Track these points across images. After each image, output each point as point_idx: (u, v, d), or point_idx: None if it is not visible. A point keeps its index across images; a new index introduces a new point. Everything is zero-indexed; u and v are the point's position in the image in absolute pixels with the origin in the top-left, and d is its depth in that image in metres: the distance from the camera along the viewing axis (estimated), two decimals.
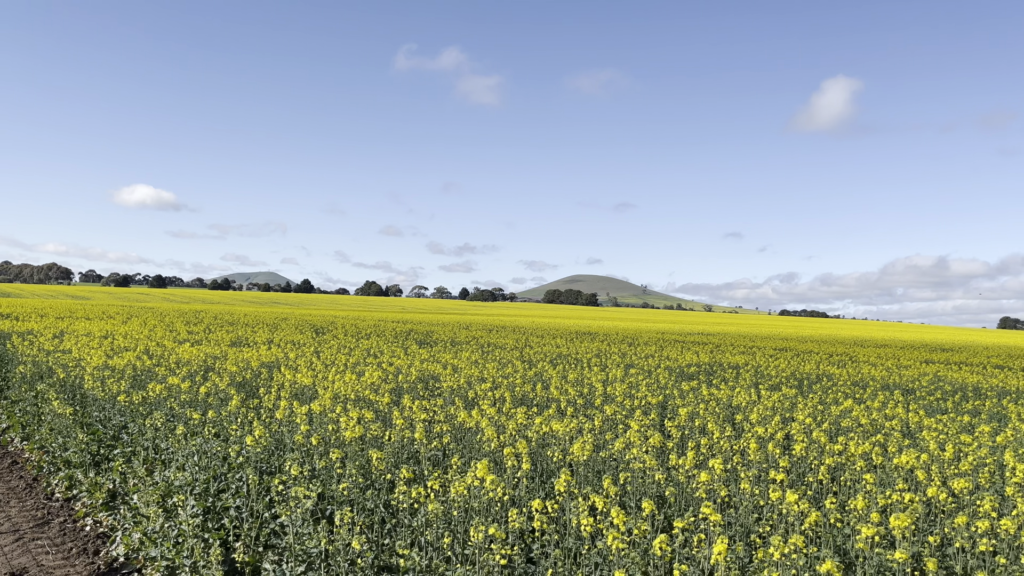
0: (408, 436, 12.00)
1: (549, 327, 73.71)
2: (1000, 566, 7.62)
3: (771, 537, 6.56)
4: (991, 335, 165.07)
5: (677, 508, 9.48)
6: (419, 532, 8.61)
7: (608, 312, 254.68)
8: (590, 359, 31.52)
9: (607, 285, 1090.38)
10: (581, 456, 10.56)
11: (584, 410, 16.48)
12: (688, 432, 14.24)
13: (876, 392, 22.74)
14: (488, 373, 21.71)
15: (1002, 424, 17.04)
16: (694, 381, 23.09)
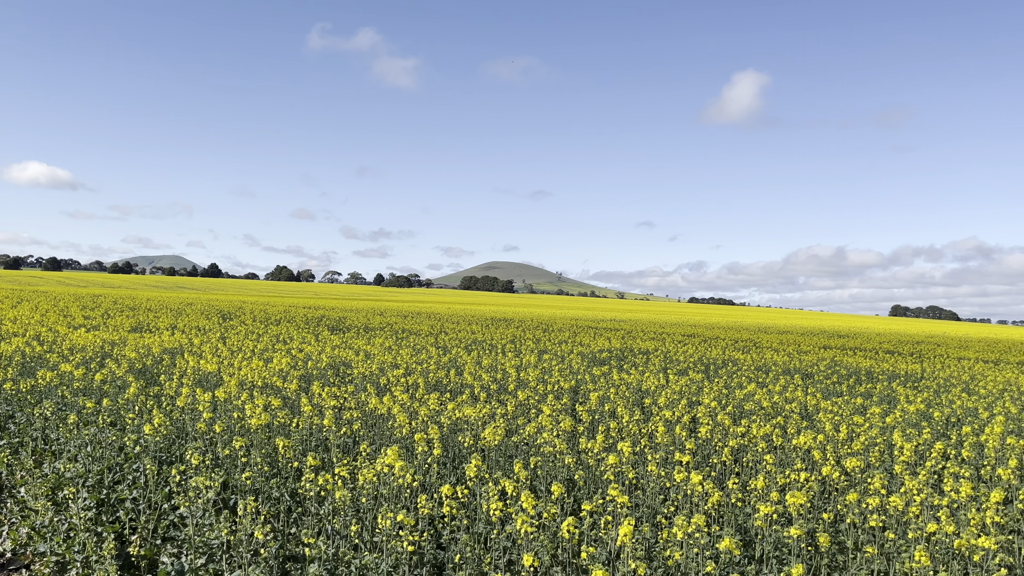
0: (317, 423, 11.74)
1: (465, 313, 73.67)
2: (889, 540, 8.01)
3: (676, 517, 6.70)
4: (883, 322, 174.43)
5: (586, 491, 9.60)
6: (326, 520, 8.44)
7: (524, 299, 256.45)
8: (505, 345, 31.64)
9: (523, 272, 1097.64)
10: (493, 441, 10.56)
11: (498, 395, 16.51)
12: (599, 416, 14.45)
13: (778, 376, 23.65)
14: (402, 359, 21.49)
15: (891, 406, 17.97)
16: (606, 366, 23.48)
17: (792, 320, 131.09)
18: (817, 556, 7.88)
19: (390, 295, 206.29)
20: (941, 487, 9.77)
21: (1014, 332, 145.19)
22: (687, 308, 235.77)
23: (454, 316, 65.24)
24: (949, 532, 7.54)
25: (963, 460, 11.66)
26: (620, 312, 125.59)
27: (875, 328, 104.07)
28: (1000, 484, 10.35)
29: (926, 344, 57.06)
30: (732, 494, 9.15)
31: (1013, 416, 17.03)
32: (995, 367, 34.44)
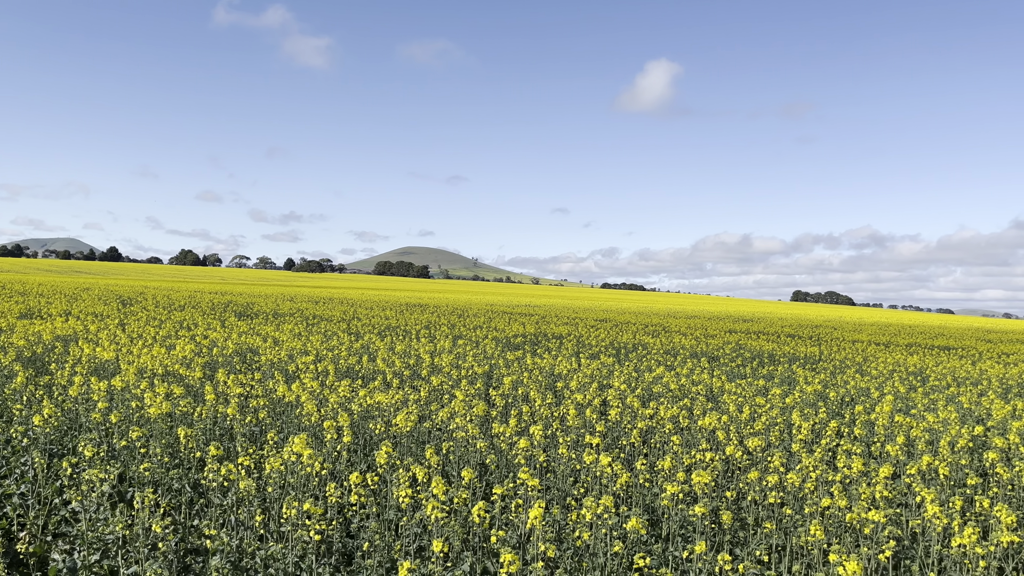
0: (222, 412, 11.36)
1: (379, 299, 72.79)
2: (786, 516, 8.34)
3: (585, 499, 6.78)
4: (785, 307, 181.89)
5: (498, 475, 9.63)
6: (231, 511, 8.18)
7: (439, 284, 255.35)
8: (419, 331, 31.41)
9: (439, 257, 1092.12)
10: (405, 427, 10.46)
11: (411, 381, 16.38)
12: (512, 400, 14.52)
13: (685, 360, 24.31)
14: (312, 346, 21.05)
15: (791, 387, 18.75)
16: (520, 351, 23.62)
17: (700, 305, 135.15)
18: (720, 533, 8.14)
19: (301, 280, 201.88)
20: (835, 464, 10.26)
21: (903, 316, 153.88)
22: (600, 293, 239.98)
23: (368, 302, 64.39)
24: (842, 506, 7.91)
25: (855, 438, 12.26)
26: (535, 297, 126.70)
27: (777, 313, 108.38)
28: (889, 460, 10.94)
29: (824, 328, 59.78)
30: (640, 475, 9.35)
31: (901, 395, 18.03)
32: (886, 349, 36.39)
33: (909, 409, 15.86)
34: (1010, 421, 13.63)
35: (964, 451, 11.16)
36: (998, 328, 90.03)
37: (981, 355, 35.65)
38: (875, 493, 8.06)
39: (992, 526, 7.86)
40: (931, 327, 77.57)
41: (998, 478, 9.70)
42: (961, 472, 10.07)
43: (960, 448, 11.21)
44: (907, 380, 21.98)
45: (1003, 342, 51.42)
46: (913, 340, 47.66)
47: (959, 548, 6.61)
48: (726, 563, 5.89)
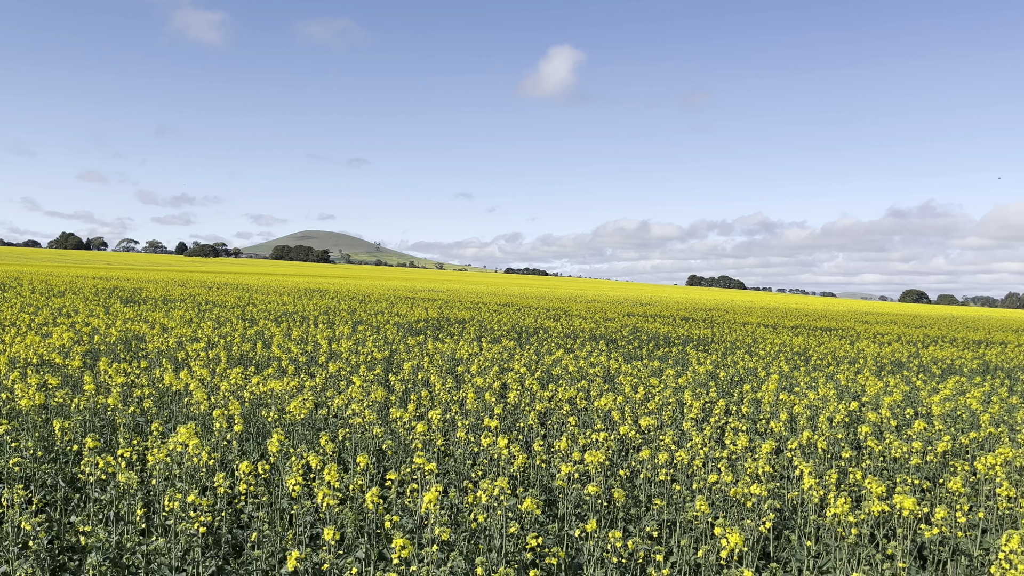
0: (103, 402, 10.79)
1: (277, 285, 70.81)
2: (676, 492, 8.62)
3: (481, 482, 6.80)
4: (681, 291, 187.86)
5: (395, 461, 9.54)
6: (111, 506, 7.78)
7: (340, 269, 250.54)
8: (318, 317, 30.75)
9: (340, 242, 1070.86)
10: (299, 415, 10.21)
11: (308, 368, 16.02)
12: (412, 386, 14.42)
13: (585, 342, 24.74)
14: (203, 332, 20.26)
15: (685, 368, 19.38)
16: (421, 336, 23.47)
17: (600, 289, 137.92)
18: (613, 511, 8.33)
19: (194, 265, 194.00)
20: (723, 441, 10.67)
21: (790, 299, 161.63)
22: (503, 278, 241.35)
23: (264, 287, 62.53)
24: (728, 481, 8.23)
25: (743, 415, 12.79)
26: (438, 282, 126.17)
27: (673, 296, 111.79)
28: (772, 436, 11.47)
29: (717, 311, 62.09)
30: (538, 456, 9.45)
31: (786, 374, 18.92)
32: (773, 331, 38.13)
33: (793, 387, 16.67)
34: (882, 397, 14.52)
35: (841, 426, 11.82)
36: (874, 310, 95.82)
37: (859, 335, 37.86)
38: (759, 468, 8.42)
39: (864, 496, 8.36)
40: (815, 310, 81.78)
41: (870, 450, 10.31)
42: (838, 446, 10.66)
43: (837, 423, 11.86)
44: (792, 360, 23.11)
45: (878, 323, 54.81)
46: (799, 322, 50.11)
47: (833, 517, 6.98)
48: (617, 540, 6.03)
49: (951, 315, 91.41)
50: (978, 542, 8.20)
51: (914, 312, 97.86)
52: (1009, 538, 5.63)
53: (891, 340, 35.15)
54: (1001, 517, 8.33)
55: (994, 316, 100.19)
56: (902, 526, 7.41)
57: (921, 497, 8.81)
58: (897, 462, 10.25)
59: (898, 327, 49.29)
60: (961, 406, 14.47)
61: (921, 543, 8.04)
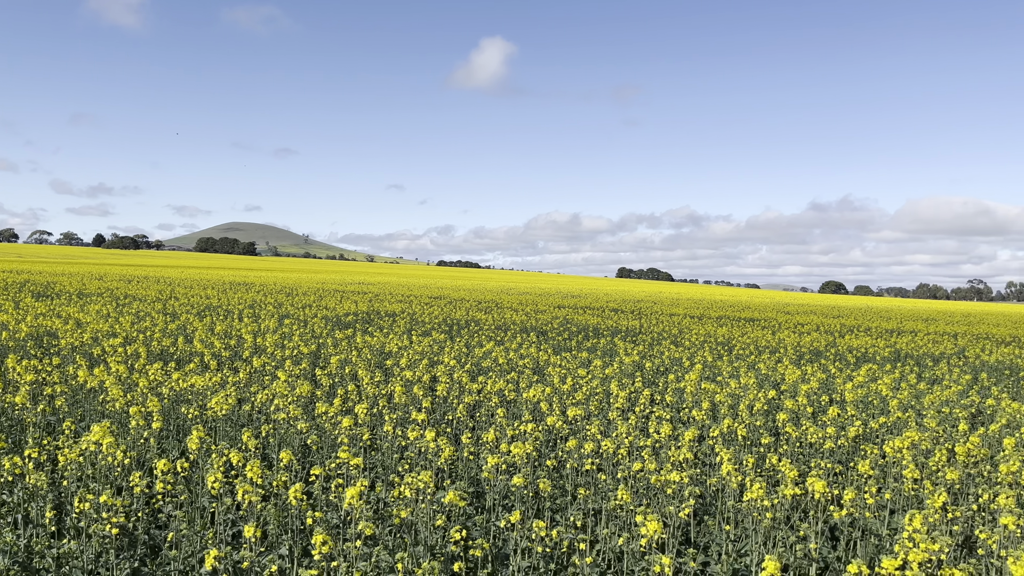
0: (10, 401, 10.32)
1: (200, 278, 68.84)
2: (602, 481, 8.76)
3: (406, 475, 6.77)
4: (610, 283, 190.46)
5: (320, 456, 9.42)
6: (18, 508, 7.46)
7: (267, 262, 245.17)
8: (243, 310, 30.05)
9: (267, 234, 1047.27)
10: (220, 411, 9.97)
11: (231, 363, 15.64)
12: (339, 380, 14.24)
13: (516, 334, 24.88)
14: (122, 327, 19.57)
15: (612, 359, 19.68)
16: (350, 330, 23.19)
17: (532, 282, 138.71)
18: (540, 501, 8.41)
19: (113, 258, 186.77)
20: (647, 429, 10.88)
21: (716, 291, 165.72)
22: (435, 271, 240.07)
23: (187, 280, 60.73)
24: (651, 469, 8.40)
25: (667, 404, 13.07)
26: (369, 275, 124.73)
27: (603, 289, 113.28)
28: (695, 424, 11.76)
29: (645, 303, 63.21)
30: (466, 448, 9.46)
31: (709, 364, 19.41)
32: (699, 322, 39.04)
33: (716, 376, 17.11)
34: (800, 385, 15.04)
35: (760, 413, 12.21)
36: (795, 301, 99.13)
37: (780, 326, 39.10)
38: (681, 456, 8.62)
39: (781, 480, 8.65)
40: (739, 301, 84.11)
41: (788, 436, 10.68)
42: (757, 433, 10.99)
43: (757, 411, 12.24)
44: (716, 350, 23.71)
45: (799, 314, 56.70)
46: (723, 313, 51.43)
47: (750, 502, 7.21)
48: (541, 530, 6.09)
49: (866, 305, 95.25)
50: (886, 522, 8.59)
51: (832, 303, 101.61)
52: (912, 518, 5.91)
53: (810, 330, 36.41)
54: (907, 498, 8.74)
55: (905, 306, 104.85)
56: (814, 508, 7.70)
57: (833, 480, 9.16)
58: (812, 447, 10.65)
59: (817, 317, 51.11)
60: (873, 392, 15.11)
61: (833, 524, 8.37)
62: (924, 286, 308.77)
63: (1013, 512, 6.66)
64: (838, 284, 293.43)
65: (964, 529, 8.01)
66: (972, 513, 8.04)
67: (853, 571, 4.82)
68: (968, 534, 8.02)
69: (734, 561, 7.50)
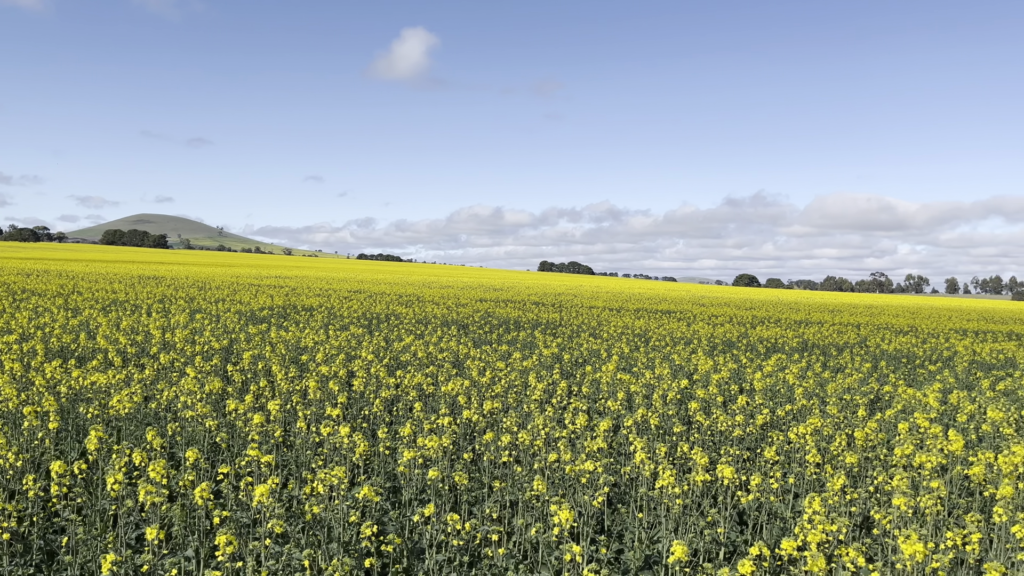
0: None
1: (107, 272, 65.97)
2: (518, 473, 8.80)
3: (319, 471, 6.64)
4: (532, 276, 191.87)
5: (230, 454, 9.16)
6: None
7: (179, 255, 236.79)
8: (152, 305, 28.95)
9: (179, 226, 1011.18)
10: (123, 409, 9.57)
11: (137, 359, 15.04)
12: (252, 376, 13.88)
13: (436, 328, 24.75)
14: (17, 323, 18.57)
15: (532, 351, 19.81)
16: (265, 324, 22.63)
17: (454, 276, 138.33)
18: (457, 494, 8.39)
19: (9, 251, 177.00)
20: (564, 421, 11.00)
21: (634, 284, 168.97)
22: (356, 264, 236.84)
23: (92, 275, 58.11)
24: (567, 460, 8.49)
25: (583, 395, 13.24)
26: (286, 269, 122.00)
27: (525, 282, 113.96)
28: (610, 414, 11.95)
29: (566, 296, 63.90)
30: (381, 443, 9.36)
31: (626, 355, 19.77)
32: (617, 314, 39.72)
33: (632, 367, 17.44)
34: (712, 375, 15.48)
35: (673, 403, 12.50)
36: (710, 294, 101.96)
37: (695, 318, 40.15)
38: (595, 445, 8.74)
39: (691, 467, 8.88)
40: (657, 294, 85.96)
41: (699, 425, 10.98)
42: (669, 422, 11.26)
43: (670, 400, 12.53)
44: (633, 342, 24.17)
45: (713, 306, 58.36)
46: (641, 306, 52.48)
47: (661, 489, 7.38)
48: (455, 523, 6.08)
49: (777, 298, 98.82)
50: (790, 505, 8.92)
51: (745, 295, 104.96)
52: (812, 500, 6.16)
53: (723, 322, 37.52)
54: (810, 481, 9.10)
55: (813, 298, 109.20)
56: (724, 494, 7.94)
57: (742, 466, 9.47)
58: (722, 435, 10.97)
59: (730, 309, 52.72)
60: (780, 381, 15.69)
61: (741, 509, 8.65)
62: (831, 279, 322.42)
63: (906, 493, 7.02)
64: (751, 277, 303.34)
65: (862, 510, 8.40)
66: (868, 495, 8.44)
67: (755, 553, 4.99)
68: (866, 515, 8.42)
69: (646, 547, 7.66)
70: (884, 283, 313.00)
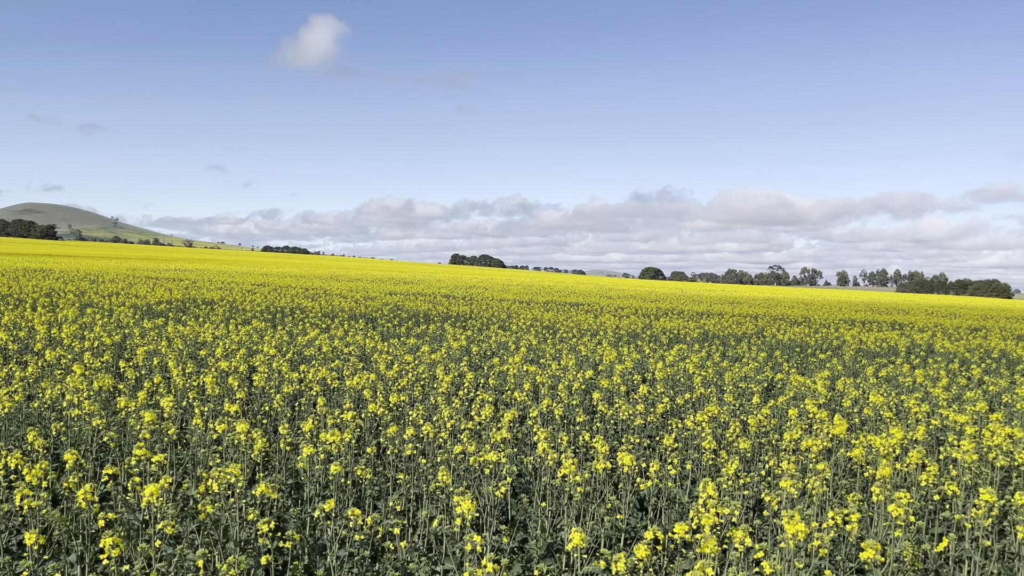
0: None
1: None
2: (423, 466, 8.76)
3: (213, 470, 6.44)
4: (444, 270, 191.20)
5: (120, 454, 8.77)
6: None
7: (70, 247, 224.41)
8: (37, 299, 27.36)
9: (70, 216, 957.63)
10: (2, 409, 9.02)
11: (19, 356, 14.21)
12: (146, 372, 13.33)
13: (343, 322, 24.36)
14: None
15: (441, 344, 19.76)
16: (162, 319, 21.76)
17: (364, 269, 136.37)
18: (361, 489, 8.30)
19: None
20: (470, 413, 11.03)
21: (545, 277, 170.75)
22: (260, 257, 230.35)
23: None
24: (471, 451, 8.52)
25: (490, 387, 13.30)
26: (186, 262, 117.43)
27: (437, 275, 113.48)
28: (516, 405, 12.06)
29: (477, 288, 63.99)
30: (282, 439, 9.15)
31: (534, 347, 19.97)
32: (527, 307, 40.06)
33: (539, 359, 17.63)
34: (616, 365, 15.82)
35: (578, 393, 12.72)
36: (617, 287, 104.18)
37: (602, 310, 40.92)
38: (500, 436, 8.81)
39: (593, 456, 9.05)
40: (566, 286, 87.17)
41: (602, 414, 11.21)
42: (573, 412, 11.45)
43: (575, 390, 12.74)
44: (541, 334, 24.44)
45: (620, 298, 59.65)
46: (551, 298, 53.09)
47: (563, 478, 7.50)
48: (357, 517, 6.01)
49: (681, 290, 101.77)
50: (688, 490, 9.23)
51: (651, 288, 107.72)
52: (705, 485, 6.38)
53: (629, 314, 38.39)
54: (706, 467, 9.43)
55: (715, 291, 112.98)
56: (624, 481, 8.14)
57: (642, 454, 9.72)
58: (624, 423, 11.23)
59: (636, 301, 53.97)
60: (681, 371, 16.17)
61: (641, 495, 8.89)
62: (732, 272, 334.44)
63: (793, 476, 7.37)
64: (656, 270, 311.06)
65: (754, 493, 8.77)
66: (760, 478, 8.82)
67: (649, 537, 5.14)
68: (758, 498, 8.79)
69: (550, 536, 7.78)
70: (781, 276, 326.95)
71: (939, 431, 11.49)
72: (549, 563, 6.98)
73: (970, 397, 14.01)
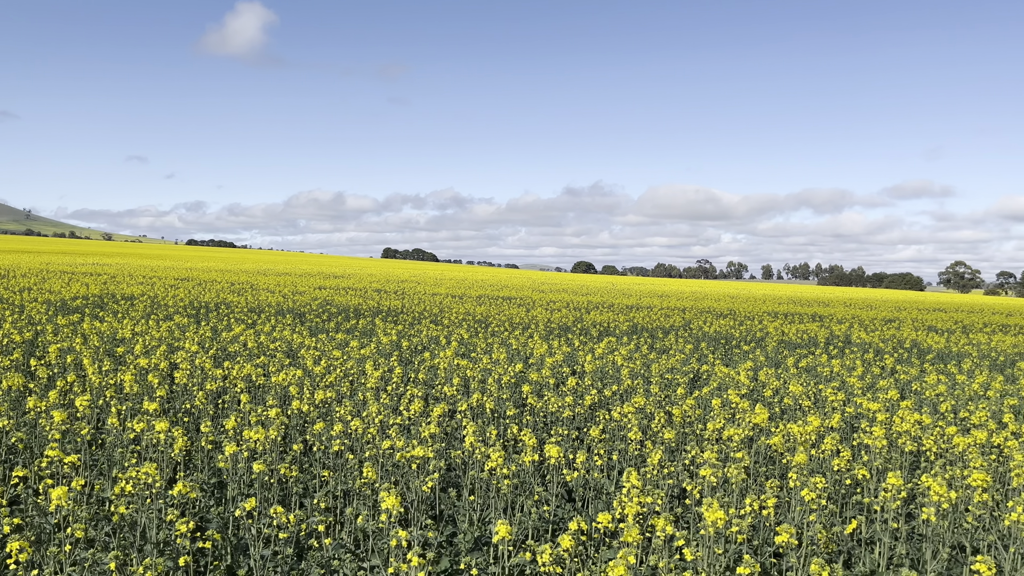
0: None
1: None
2: (350, 462, 8.67)
3: (130, 469, 6.24)
4: (375, 264, 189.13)
5: (29, 455, 8.41)
6: None
7: None
8: None
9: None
10: None
11: None
12: (60, 370, 12.80)
13: (270, 317, 23.86)
14: None
15: (371, 339, 19.56)
16: (77, 315, 20.92)
17: (292, 263, 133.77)
18: (286, 486, 8.16)
19: None
20: (399, 408, 10.96)
21: (478, 271, 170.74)
22: (184, 251, 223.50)
23: None
24: (399, 447, 8.47)
25: (420, 382, 13.25)
26: (105, 256, 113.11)
27: (368, 269, 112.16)
28: (446, 399, 12.03)
29: (409, 283, 63.55)
30: (204, 438, 8.93)
31: (465, 341, 19.96)
32: (460, 301, 40.00)
33: (470, 353, 17.63)
34: (546, 358, 15.95)
35: (508, 386, 12.77)
36: (549, 281, 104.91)
37: (534, 303, 41.17)
38: (428, 431, 8.78)
39: (521, 449, 9.11)
40: (499, 280, 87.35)
41: (532, 407, 11.29)
42: (503, 405, 11.50)
43: (505, 384, 12.79)
44: (473, 327, 24.44)
45: (552, 292, 60.11)
46: (483, 292, 53.13)
47: (490, 471, 7.53)
48: (280, 515, 5.91)
49: (611, 284, 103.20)
50: (615, 481, 9.38)
51: (582, 282, 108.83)
52: (629, 475, 6.50)
53: (561, 307, 38.72)
54: (632, 458, 9.61)
55: (645, 284, 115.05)
56: (551, 473, 8.22)
57: (570, 446, 9.83)
58: (553, 416, 11.34)
59: (568, 295, 54.48)
60: (609, 363, 16.40)
61: (569, 487, 8.99)
62: (661, 266, 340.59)
63: (713, 465, 7.56)
64: (588, 264, 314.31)
65: (677, 483, 8.97)
66: (684, 468, 9.02)
67: (573, 528, 5.21)
68: (681, 487, 8.99)
69: (478, 529, 7.80)
70: (709, 270, 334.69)
71: (854, 418, 11.98)
72: (476, 556, 6.99)
73: (883, 385, 14.64)
